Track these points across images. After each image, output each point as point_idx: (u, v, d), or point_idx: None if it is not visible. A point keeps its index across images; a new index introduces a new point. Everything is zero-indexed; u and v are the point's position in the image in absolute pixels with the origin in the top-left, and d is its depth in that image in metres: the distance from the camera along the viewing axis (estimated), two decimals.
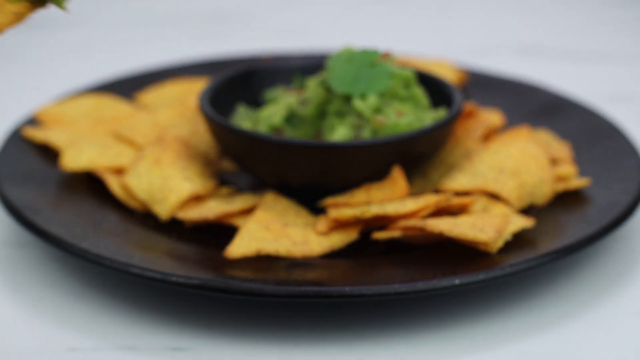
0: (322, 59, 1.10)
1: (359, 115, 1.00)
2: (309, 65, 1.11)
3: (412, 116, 1.01)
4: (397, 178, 0.98)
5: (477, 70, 1.27)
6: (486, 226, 0.92)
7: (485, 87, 1.24)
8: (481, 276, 0.89)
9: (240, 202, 0.99)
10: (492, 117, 1.14)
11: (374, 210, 0.95)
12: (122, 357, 0.88)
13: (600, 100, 1.32)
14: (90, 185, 1.04)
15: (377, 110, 1.00)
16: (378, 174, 0.99)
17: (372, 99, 1.00)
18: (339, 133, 1.00)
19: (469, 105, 1.13)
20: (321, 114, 1.03)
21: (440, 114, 1.04)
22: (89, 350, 0.89)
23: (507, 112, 1.18)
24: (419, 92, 1.03)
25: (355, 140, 0.97)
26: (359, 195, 0.98)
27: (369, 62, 1.02)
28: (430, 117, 1.03)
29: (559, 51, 1.55)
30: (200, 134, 1.09)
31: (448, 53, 1.44)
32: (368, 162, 0.98)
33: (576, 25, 1.65)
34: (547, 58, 1.52)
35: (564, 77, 1.42)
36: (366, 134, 0.99)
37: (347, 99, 1.02)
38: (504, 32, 1.62)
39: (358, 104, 1.00)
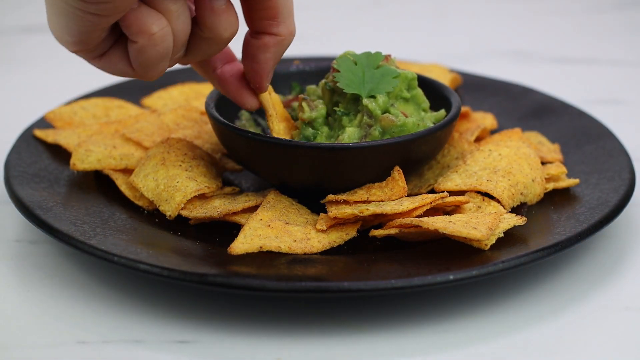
0: (321, 65, 1.12)
1: (369, 114, 1.02)
2: (308, 71, 1.13)
3: (416, 117, 1.03)
4: (398, 179, 0.99)
5: (470, 74, 1.29)
6: (479, 224, 0.93)
7: (478, 90, 1.25)
8: (474, 272, 0.90)
9: (243, 201, 1.00)
10: (485, 119, 1.15)
11: (373, 209, 0.96)
12: (130, 350, 0.89)
13: (589, 102, 1.33)
14: (98, 184, 1.06)
15: (385, 110, 1.02)
16: (380, 175, 1.00)
17: (382, 99, 1.02)
18: (348, 133, 1.01)
19: (463, 108, 1.14)
20: (328, 115, 1.05)
21: (441, 115, 1.05)
22: (98, 343, 0.89)
23: (500, 115, 1.19)
24: (420, 94, 1.05)
25: (359, 142, 0.98)
26: (360, 194, 0.99)
27: (374, 64, 1.04)
28: (430, 118, 1.05)
29: (549, 56, 1.56)
30: (205, 135, 1.10)
31: (442, 59, 1.45)
32: (372, 163, 0.99)
33: (565, 31, 1.66)
34: (537, 63, 1.53)
35: (554, 80, 1.43)
36: (376, 133, 1.01)
37: (355, 99, 1.03)
38: (495, 38, 1.63)
39: (368, 103, 1.02)
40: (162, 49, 0.88)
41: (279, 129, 1.02)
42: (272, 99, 1.02)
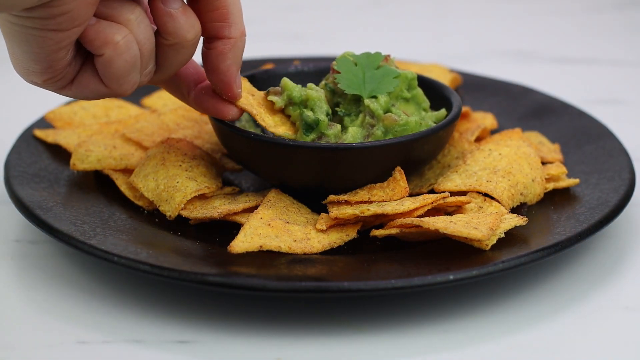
0: (320, 65, 1.12)
1: (371, 115, 1.02)
2: (307, 72, 1.12)
3: (417, 116, 1.04)
4: (399, 179, 0.99)
5: (470, 74, 1.29)
6: (480, 224, 0.93)
7: (478, 90, 1.25)
8: (474, 272, 0.90)
9: (243, 201, 1.00)
10: (485, 119, 1.16)
11: (374, 209, 0.96)
12: (130, 350, 0.89)
13: (589, 102, 1.33)
14: (98, 184, 1.06)
15: (387, 109, 1.02)
16: (382, 175, 1.00)
17: (383, 99, 1.02)
18: (351, 133, 1.01)
19: (463, 108, 1.14)
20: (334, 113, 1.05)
21: (441, 114, 1.05)
22: (98, 343, 0.89)
23: (500, 115, 1.19)
24: (421, 94, 1.05)
25: (361, 143, 0.98)
26: (361, 194, 0.99)
27: (374, 64, 1.04)
28: (431, 117, 1.05)
29: (549, 56, 1.56)
30: (205, 135, 1.10)
31: (442, 59, 1.45)
32: (373, 164, 0.99)
33: (565, 31, 1.66)
34: (537, 63, 1.53)
35: (554, 80, 1.43)
36: (378, 133, 1.01)
37: (356, 100, 1.03)
38: (495, 38, 1.63)
39: (370, 103, 1.02)
40: (129, 57, 0.88)
41: (274, 122, 1.01)
42: (254, 100, 1.01)
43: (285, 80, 1.03)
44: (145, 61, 0.90)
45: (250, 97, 1.00)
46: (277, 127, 1.01)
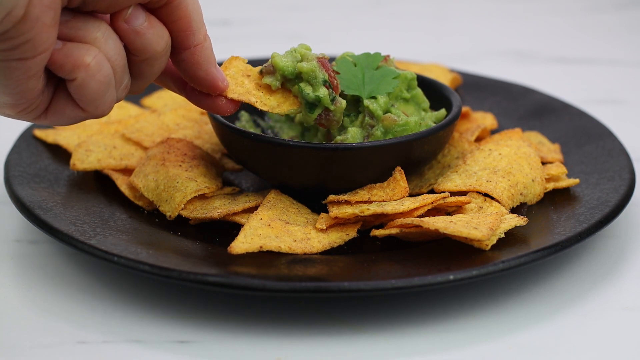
0: None
1: (370, 115, 1.02)
2: None
3: (417, 116, 1.04)
4: (399, 179, 0.99)
5: (470, 74, 1.29)
6: (480, 224, 0.93)
7: (478, 90, 1.25)
8: (474, 272, 0.90)
9: (243, 202, 1.00)
10: (485, 119, 1.16)
11: (373, 209, 0.96)
12: (130, 350, 0.89)
13: (589, 102, 1.34)
14: (98, 184, 1.06)
15: (387, 110, 1.02)
16: (382, 175, 1.00)
17: (382, 99, 1.02)
18: (351, 133, 1.01)
19: (463, 108, 1.14)
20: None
21: (441, 114, 1.06)
22: (98, 343, 0.89)
23: (500, 115, 1.20)
24: (420, 94, 1.05)
25: (361, 143, 0.98)
26: (361, 194, 0.99)
27: (373, 65, 1.04)
28: (430, 117, 1.05)
29: (549, 56, 1.56)
30: (205, 135, 1.11)
31: (442, 59, 1.45)
32: (374, 164, 0.99)
33: (565, 31, 1.67)
34: (537, 63, 1.54)
35: (554, 80, 1.43)
36: (378, 133, 1.01)
37: (355, 100, 1.03)
38: (495, 38, 1.63)
39: (370, 104, 1.02)
40: (102, 77, 0.85)
41: (277, 101, 0.98)
42: (250, 83, 0.98)
43: (275, 57, 0.99)
44: (119, 77, 0.87)
45: (245, 82, 0.98)
46: (280, 106, 0.98)
